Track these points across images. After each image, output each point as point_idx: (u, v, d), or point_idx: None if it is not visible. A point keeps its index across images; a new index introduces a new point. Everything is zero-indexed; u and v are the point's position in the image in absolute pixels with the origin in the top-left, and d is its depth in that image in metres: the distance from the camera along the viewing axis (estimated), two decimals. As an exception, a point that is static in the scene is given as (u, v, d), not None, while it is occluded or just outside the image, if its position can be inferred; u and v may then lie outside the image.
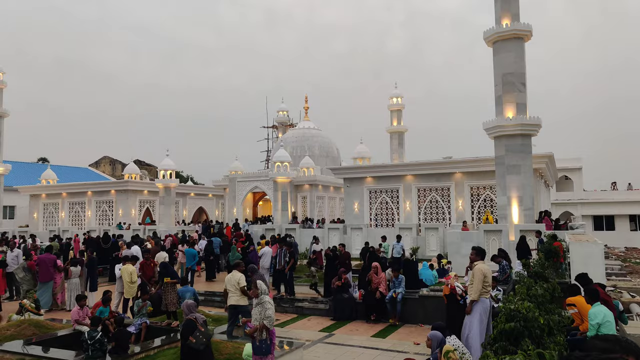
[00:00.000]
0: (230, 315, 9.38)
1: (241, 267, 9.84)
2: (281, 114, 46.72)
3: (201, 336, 6.39)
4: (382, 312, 12.20)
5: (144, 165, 60.45)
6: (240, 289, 9.28)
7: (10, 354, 7.85)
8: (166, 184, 30.53)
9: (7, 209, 39.47)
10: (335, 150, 40.31)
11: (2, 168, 33.58)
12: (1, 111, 33.45)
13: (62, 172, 42.82)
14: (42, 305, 12.69)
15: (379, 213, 27.38)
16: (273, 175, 31.42)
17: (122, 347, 7.91)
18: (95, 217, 34.40)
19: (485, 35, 19.08)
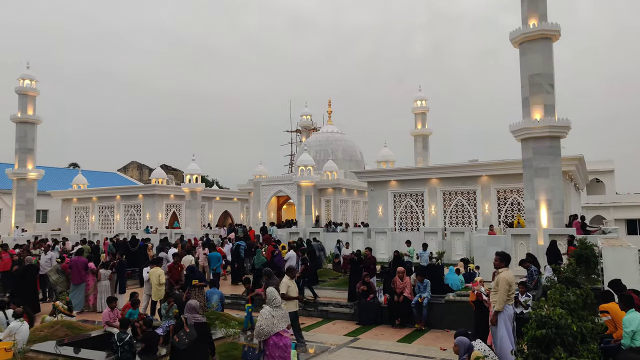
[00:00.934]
0: (296, 319, 9.61)
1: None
2: (305, 118, 46.89)
3: (184, 336, 6.48)
4: (407, 317, 12.10)
5: (171, 170, 61.46)
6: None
7: (43, 354, 8.06)
8: (192, 188, 30.96)
9: (41, 213, 40.62)
10: (359, 154, 40.22)
11: (36, 173, 34.61)
12: (34, 118, 34.50)
13: (92, 177, 43.87)
14: (75, 307, 13.00)
15: (404, 217, 27.18)
16: (297, 179, 31.54)
17: (151, 349, 8.04)
18: (124, 220, 35.11)
19: (512, 36, 18.80)
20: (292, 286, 9.56)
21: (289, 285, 9.50)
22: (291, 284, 9.59)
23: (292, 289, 9.51)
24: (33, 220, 34.87)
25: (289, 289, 9.45)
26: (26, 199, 34.19)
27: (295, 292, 9.61)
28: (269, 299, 6.95)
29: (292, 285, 9.58)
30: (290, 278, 9.63)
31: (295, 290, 9.65)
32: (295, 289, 9.64)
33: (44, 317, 11.10)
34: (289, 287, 9.48)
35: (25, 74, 34.56)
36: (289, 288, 9.44)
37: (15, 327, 8.71)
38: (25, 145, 34.25)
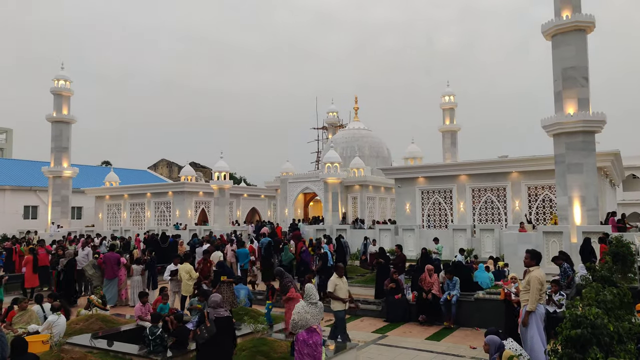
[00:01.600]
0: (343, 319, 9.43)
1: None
2: (331, 115, 46.85)
3: (205, 330, 6.56)
4: (436, 315, 11.98)
5: (199, 167, 62.37)
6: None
7: (79, 346, 8.30)
8: (220, 185, 31.36)
9: (75, 210, 41.84)
10: (386, 150, 39.95)
11: (71, 171, 35.65)
12: (69, 118, 35.52)
13: (124, 175, 44.88)
14: (108, 301, 13.35)
15: (432, 214, 26.89)
16: (323, 176, 31.56)
17: (182, 343, 8.19)
18: (154, 217, 35.83)
19: (544, 29, 18.33)
20: (340, 284, 9.31)
21: (336, 284, 9.29)
22: (339, 282, 9.33)
23: (339, 287, 9.28)
24: (68, 216, 35.96)
25: (336, 288, 9.26)
26: (61, 196, 35.28)
27: (343, 291, 9.33)
28: (307, 294, 6.99)
29: (340, 284, 9.32)
30: (338, 276, 9.38)
31: (344, 289, 9.38)
32: (343, 287, 9.36)
33: (79, 310, 11.45)
34: (336, 285, 9.27)
35: (60, 75, 35.58)
36: (336, 286, 9.26)
37: (52, 321, 9.01)
38: (60, 144, 35.32)
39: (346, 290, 9.47)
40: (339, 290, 9.27)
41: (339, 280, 9.38)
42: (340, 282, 9.39)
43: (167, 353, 7.84)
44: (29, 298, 13.78)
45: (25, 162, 46.74)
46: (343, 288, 9.38)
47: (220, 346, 6.59)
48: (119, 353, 8.02)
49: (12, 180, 40.63)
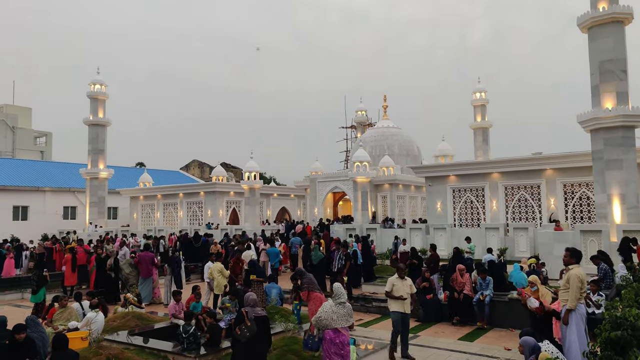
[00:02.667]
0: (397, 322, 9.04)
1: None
2: (360, 114, 46.69)
3: (245, 330, 6.60)
4: (468, 315, 11.80)
5: (230, 168, 63.21)
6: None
7: (116, 343, 8.55)
8: (251, 185, 31.71)
9: (111, 210, 43.02)
10: (416, 148, 39.55)
11: (107, 172, 36.71)
12: (104, 120, 36.57)
13: (157, 176, 45.89)
14: (143, 299, 13.69)
15: (463, 212, 26.47)
16: (352, 175, 31.49)
17: (214, 341, 8.33)
18: (187, 217, 36.50)
19: (580, 21, 17.79)
20: (398, 285, 8.99)
21: (394, 284, 9.01)
22: (397, 282, 9.03)
23: (397, 287, 8.96)
24: (105, 216, 37.04)
25: (394, 288, 8.96)
26: (98, 196, 36.37)
27: (401, 291, 8.92)
28: (335, 294, 6.99)
29: (399, 285, 9.00)
30: (398, 276, 9.09)
31: (403, 290, 8.96)
32: (401, 288, 8.97)
33: (116, 308, 11.79)
34: (394, 285, 8.99)
35: (96, 79, 36.65)
36: (393, 286, 8.99)
37: (91, 318, 9.30)
38: (96, 147, 36.41)
39: (405, 292, 9.02)
40: (396, 291, 8.95)
41: (397, 280, 9.09)
42: (398, 283, 9.06)
43: (200, 350, 7.99)
44: (68, 296, 14.25)
45: (64, 165, 48.36)
46: (401, 289, 8.99)
47: (256, 345, 6.65)
48: (154, 350, 8.22)
49: (52, 182, 42.10)
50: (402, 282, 9.15)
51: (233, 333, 6.83)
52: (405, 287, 9.08)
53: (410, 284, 9.22)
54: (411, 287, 9.20)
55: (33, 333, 7.82)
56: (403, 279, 9.16)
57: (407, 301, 8.99)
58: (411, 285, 9.23)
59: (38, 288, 12.28)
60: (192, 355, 7.77)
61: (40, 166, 46.84)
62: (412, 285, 9.24)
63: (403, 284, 9.13)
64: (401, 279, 9.14)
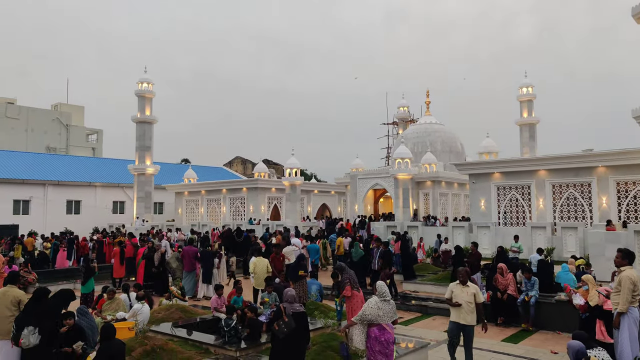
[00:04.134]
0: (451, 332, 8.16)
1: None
2: (401, 110, 46.15)
3: (283, 326, 6.62)
4: (512, 316, 11.46)
5: (272, 164, 63.92)
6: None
7: (161, 334, 8.81)
8: (292, 182, 31.95)
9: (157, 205, 44.39)
10: (459, 145, 38.71)
11: (153, 169, 37.91)
12: (151, 118, 37.73)
13: (201, 172, 46.96)
14: (187, 292, 14.05)
15: (508, 211, 25.72)
16: (393, 172, 31.16)
17: (255, 336, 8.44)
18: (229, 212, 37.19)
19: (635, 12, 16.90)
20: (457, 292, 8.08)
21: (453, 290, 8.18)
22: (456, 288, 8.13)
23: (456, 294, 8.06)
24: (151, 211, 38.26)
25: (453, 295, 8.11)
26: (145, 192, 37.60)
27: (459, 299, 7.98)
28: (379, 292, 7.01)
29: (458, 291, 8.08)
30: (459, 282, 8.19)
31: (462, 297, 7.96)
32: (461, 295, 8.01)
33: (161, 300, 12.16)
34: (453, 292, 8.16)
35: (143, 78, 37.85)
36: (452, 293, 8.15)
37: (137, 309, 9.64)
38: (144, 143, 37.63)
39: (464, 301, 7.94)
40: (456, 298, 8.04)
41: (457, 286, 8.14)
42: (457, 290, 8.08)
43: (241, 344, 8.12)
44: (116, 287, 14.81)
45: (114, 161, 50.29)
46: (459, 297, 8.00)
47: (294, 341, 6.70)
48: (196, 342, 8.43)
49: (102, 178, 43.88)
50: (462, 289, 8.08)
51: (271, 328, 6.90)
52: (465, 295, 8.00)
53: (475, 291, 8.06)
54: (476, 295, 8.03)
55: (83, 322, 8.18)
56: (464, 285, 8.12)
57: (465, 310, 7.89)
58: (476, 293, 8.05)
59: (86, 279, 12.80)
60: (233, 349, 7.91)
61: (91, 162, 48.94)
62: (477, 293, 8.08)
63: (463, 291, 8.06)
64: (462, 285, 8.13)
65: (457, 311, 7.96)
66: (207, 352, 8.10)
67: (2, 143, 51.67)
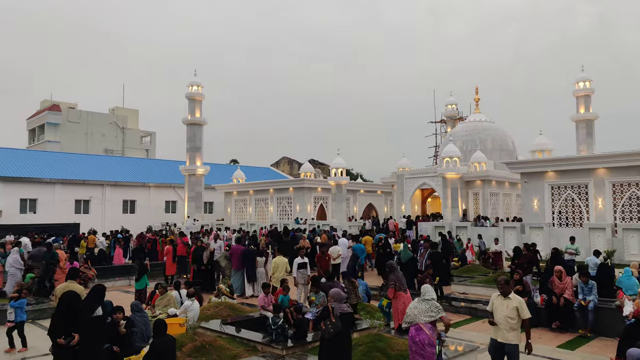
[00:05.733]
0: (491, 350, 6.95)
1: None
2: (449, 108, 45.21)
3: (330, 326, 6.54)
4: (569, 321, 10.96)
5: (318, 164, 64.24)
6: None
7: (210, 331, 9.03)
8: (338, 182, 31.96)
9: (207, 205, 45.59)
10: (511, 143, 37.46)
11: (203, 169, 38.98)
12: (200, 120, 38.79)
13: (249, 172, 47.84)
14: (235, 290, 14.32)
15: (563, 211, 24.63)
16: (442, 171, 30.55)
17: (301, 334, 8.49)
18: (277, 212, 37.66)
19: None
20: (497, 304, 6.90)
21: (493, 302, 7.03)
22: (496, 300, 6.96)
23: (495, 307, 6.90)
24: (201, 210, 39.36)
25: (493, 307, 6.96)
26: (195, 192, 38.72)
27: (498, 313, 6.78)
28: (422, 292, 6.95)
29: (497, 303, 6.90)
30: (499, 293, 6.97)
31: (501, 311, 6.76)
32: (500, 309, 6.77)
33: (210, 298, 12.45)
34: (493, 304, 7.01)
35: (193, 81, 38.98)
36: (493, 305, 7.00)
37: (188, 306, 9.91)
38: (194, 145, 38.77)
39: (503, 316, 6.68)
40: (494, 313, 6.86)
41: (497, 298, 6.91)
42: (497, 302, 6.87)
43: (288, 343, 8.18)
44: (168, 284, 15.30)
45: (166, 162, 52.09)
46: (499, 310, 6.77)
47: (343, 341, 6.67)
48: (244, 339, 8.57)
49: (155, 178, 45.54)
50: (502, 302, 6.81)
51: (319, 328, 6.89)
52: (505, 309, 6.72)
53: (519, 304, 6.69)
54: (520, 309, 6.65)
55: (137, 317, 8.50)
56: (505, 297, 6.82)
57: (503, 326, 6.68)
58: (519, 307, 6.67)
59: (140, 276, 13.29)
60: (280, 347, 7.98)
61: (145, 164, 50.92)
62: (521, 307, 6.67)
63: (503, 303, 6.78)
64: (502, 297, 6.85)
65: (494, 327, 6.85)
66: (254, 349, 8.22)
67: (64, 146, 54.66)
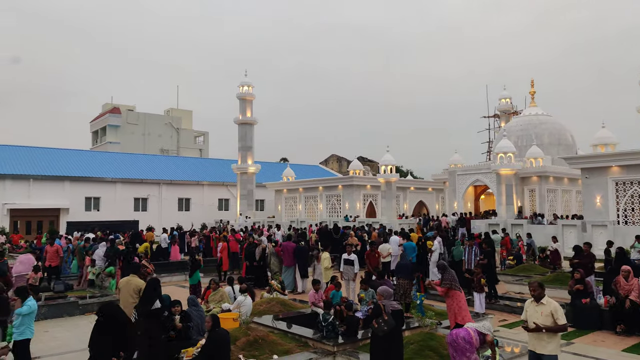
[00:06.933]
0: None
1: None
2: (503, 102, 43.78)
3: (383, 324, 6.45)
4: (635, 324, 10.35)
5: (367, 162, 63.92)
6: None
7: (262, 326, 9.19)
8: (387, 179, 31.67)
9: (258, 202, 46.44)
10: (570, 137, 35.79)
11: (254, 168, 39.74)
12: (251, 119, 39.54)
13: (299, 170, 48.32)
14: (286, 287, 14.51)
15: (629, 208, 23.27)
16: (495, 168, 29.63)
17: (352, 332, 8.49)
18: (326, 209, 37.81)
19: None
20: (530, 311, 6.23)
21: (527, 310, 6.29)
22: (529, 307, 6.26)
23: (529, 314, 6.21)
24: (253, 208, 40.15)
25: (527, 315, 6.25)
26: (247, 190, 39.55)
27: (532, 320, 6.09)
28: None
29: (530, 310, 6.22)
30: (531, 299, 6.24)
31: (534, 319, 6.07)
32: (535, 315, 6.10)
33: (262, 293, 12.68)
34: (527, 311, 6.28)
35: (244, 81, 39.78)
36: (526, 313, 6.29)
37: (241, 301, 10.14)
38: (245, 144, 39.60)
39: (538, 324, 5.97)
40: (528, 320, 6.19)
41: (530, 304, 6.27)
42: (531, 308, 6.22)
43: (338, 339, 8.21)
44: (220, 280, 15.70)
45: (219, 161, 53.53)
46: (533, 317, 6.09)
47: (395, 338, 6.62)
48: (295, 335, 8.67)
49: (209, 177, 46.89)
50: (536, 308, 6.14)
51: (371, 326, 6.86)
52: (539, 315, 6.03)
53: (553, 310, 5.95)
54: (554, 315, 5.92)
55: (193, 311, 8.80)
56: (538, 302, 6.14)
57: (536, 335, 6.02)
58: (554, 312, 5.93)
59: (193, 271, 13.72)
60: (331, 344, 8.02)
61: (199, 163, 52.56)
62: (556, 313, 5.93)
63: (537, 310, 6.11)
64: (535, 303, 6.18)
65: (530, 336, 6.15)
66: (305, 345, 8.29)
67: (124, 146, 57.33)
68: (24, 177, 36.77)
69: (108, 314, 6.27)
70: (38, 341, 9.35)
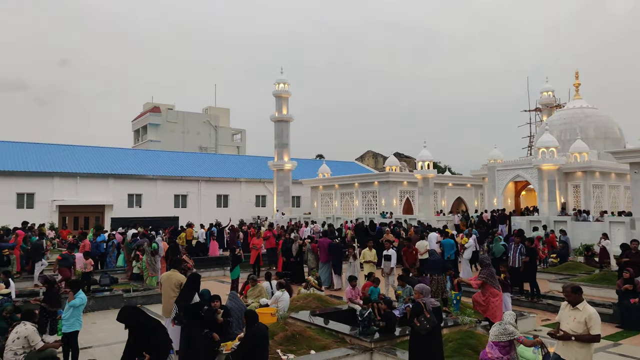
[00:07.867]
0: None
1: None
2: (545, 95, 42.36)
3: (425, 321, 6.36)
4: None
5: (403, 158, 63.28)
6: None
7: (299, 321, 9.29)
8: (424, 175, 31.26)
9: (294, 199, 46.75)
10: (617, 130, 34.31)
11: (290, 164, 40.05)
12: (288, 117, 39.81)
13: (334, 166, 48.31)
14: (323, 283, 14.58)
15: (682, 204, 22.12)
16: (537, 163, 28.73)
17: (389, 328, 8.46)
18: (362, 206, 37.68)
19: None
20: (564, 314, 5.81)
21: (561, 313, 5.92)
22: (563, 310, 5.87)
23: (562, 318, 5.83)
24: (289, 204, 40.46)
25: (561, 318, 5.88)
26: (284, 186, 39.88)
27: (564, 326, 5.69)
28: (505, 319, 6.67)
29: (564, 314, 5.81)
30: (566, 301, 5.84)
31: (567, 324, 5.66)
32: (567, 319, 5.70)
33: (299, 289, 12.79)
34: (560, 314, 5.92)
35: (280, 79, 40.06)
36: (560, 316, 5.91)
37: (278, 296, 10.26)
38: (281, 141, 39.93)
39: (569, 329, 5.54)
40: (560, 323, 5.80)
41: (565, 307, 5.80)
42: (564, 312, 5.78)
43: (375, 336, 8.19)
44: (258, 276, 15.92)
45: (256, 158, 54.19)
46: (566, 321, 5.68)
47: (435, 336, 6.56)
48: (332, 331, 8.71)
49: (246, 174, 47.55)
50: (570, 312, 5.66)
51: (411, 324, 6.79)
52: (571, 321, 5.57)
53: (588, 317, 5.45)
54: (589, 322, 5.42)
55: (234, 305, 8.98)
56: (573, 306, 5.63)
57: (569, 342, 5.49)
58: (589, 319, 5.43)
59: (233, 266, 13.95)
60: (368, 340, 8.02)
61: (237, 160, 53.38)
62: (592, 320, 5.43)
63: (570, 314, 5.64)
64: (571, 306, 5.67)
65: (560, 343, 5.66)
66: (342, 341, 8.32)
67: (164, 144, 58.86)
68: (72, 174, 38.29)
69: (125, 318, 6.23)
70: (86, 332, 9.76)
